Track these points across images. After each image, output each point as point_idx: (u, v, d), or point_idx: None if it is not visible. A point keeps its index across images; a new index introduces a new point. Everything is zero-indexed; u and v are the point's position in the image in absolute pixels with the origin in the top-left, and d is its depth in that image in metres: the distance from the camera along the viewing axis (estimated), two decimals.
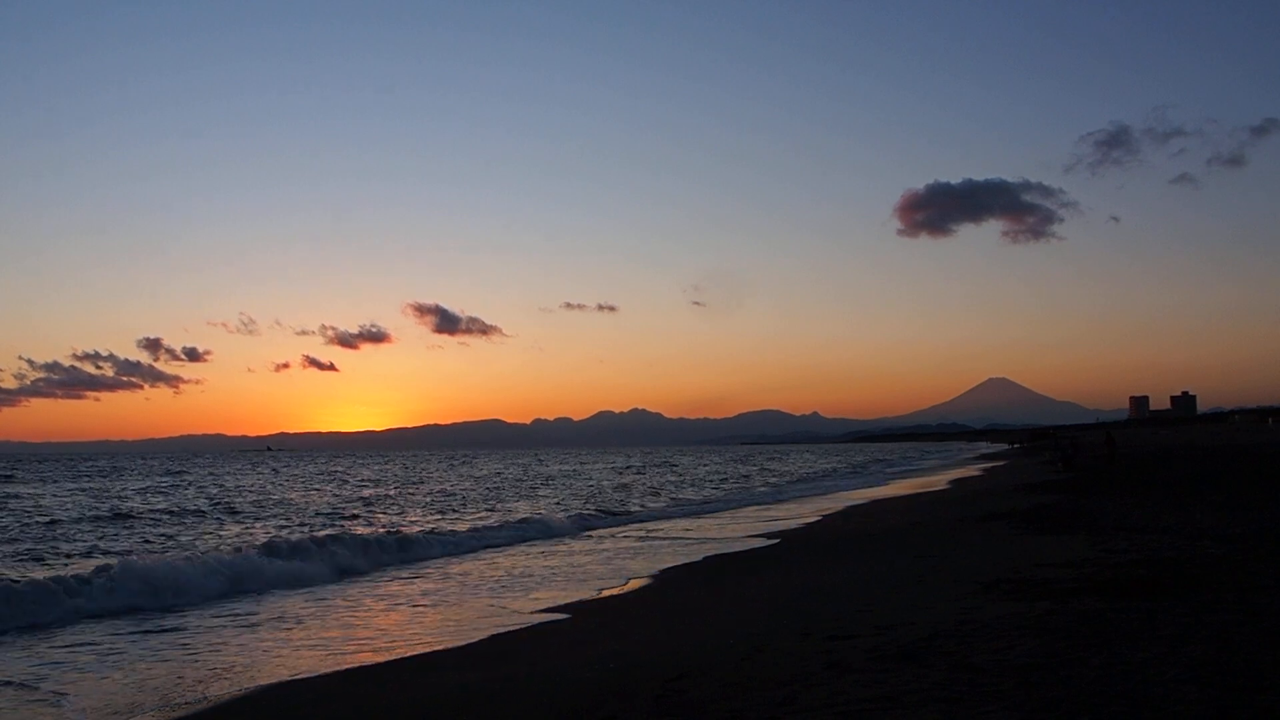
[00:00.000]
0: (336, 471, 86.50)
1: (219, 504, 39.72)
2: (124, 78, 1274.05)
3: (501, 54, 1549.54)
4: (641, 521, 30.78)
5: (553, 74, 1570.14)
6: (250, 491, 50.52)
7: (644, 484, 56.58)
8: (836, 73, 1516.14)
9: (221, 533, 27.34)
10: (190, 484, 59.32)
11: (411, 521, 30.63)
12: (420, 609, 14.38)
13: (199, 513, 35.05)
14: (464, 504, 40.33)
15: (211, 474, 79.52)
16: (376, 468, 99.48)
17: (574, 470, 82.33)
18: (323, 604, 14.88)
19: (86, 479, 67.81)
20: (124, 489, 53.54)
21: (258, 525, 29.84)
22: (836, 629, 9.83)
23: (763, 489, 49.67)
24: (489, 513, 34.55)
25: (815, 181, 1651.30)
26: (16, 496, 45.52)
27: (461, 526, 27.81)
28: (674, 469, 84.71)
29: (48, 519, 31.55)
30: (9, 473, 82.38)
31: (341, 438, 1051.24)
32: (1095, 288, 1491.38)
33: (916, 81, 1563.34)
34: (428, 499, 44.00)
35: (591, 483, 58.29)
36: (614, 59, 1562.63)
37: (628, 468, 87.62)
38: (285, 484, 59.94)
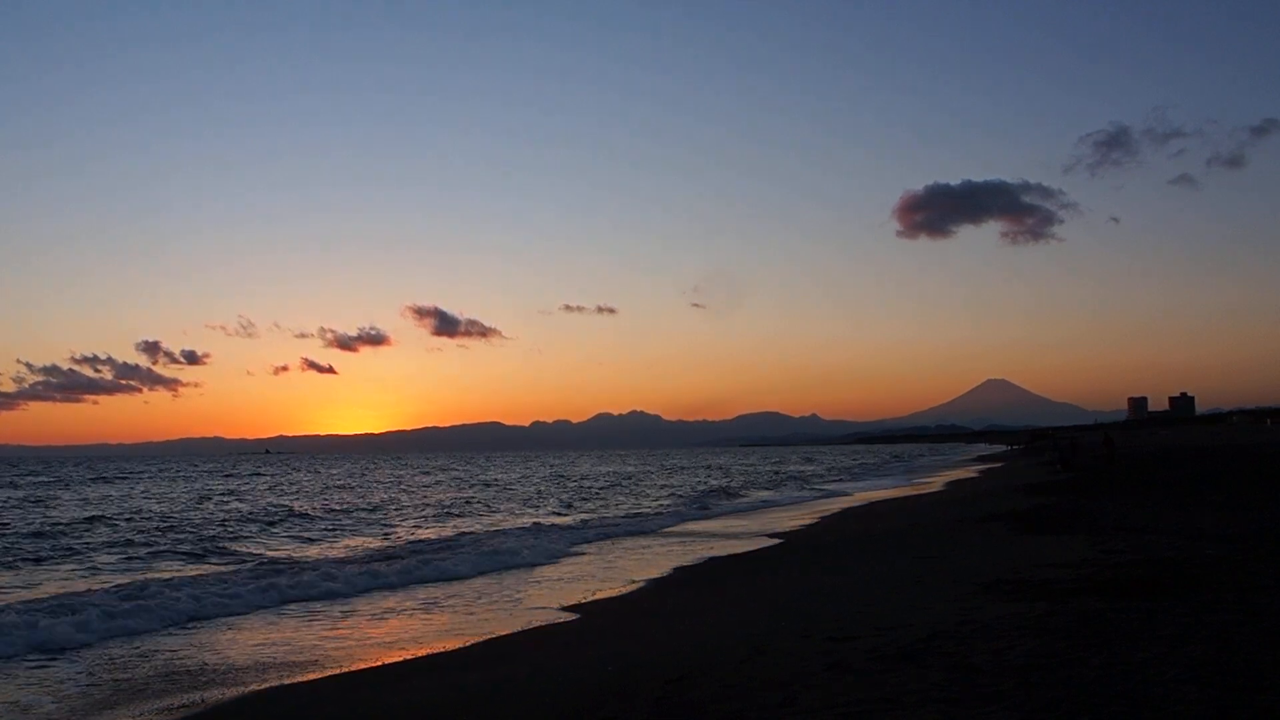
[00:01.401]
0: (370, 473, 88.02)
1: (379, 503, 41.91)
2: (122, 81, 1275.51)
3: (500, 57, 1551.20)
4: (724, 516, 33.06)
5: (551, 77, 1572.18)
6: (342, 490, 53.16)
7: (699, 484, 56.38)
8: (835, 74, 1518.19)
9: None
10: (278, 485, 61.26)
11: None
12: (414, 610, 14.40)
13: (375, 508, 38.16)
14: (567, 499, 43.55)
15: (256, 475, 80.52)
16: (411, 470, 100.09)
17: (617, 472, 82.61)
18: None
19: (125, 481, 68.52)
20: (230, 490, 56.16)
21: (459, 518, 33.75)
22: (836, 630, 9.82)
23: (764, 492, 49.70)
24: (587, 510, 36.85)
25: (814, 183, 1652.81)
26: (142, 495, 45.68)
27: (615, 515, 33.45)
28: (708, 469, 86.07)
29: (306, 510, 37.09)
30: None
31: (340, 440, 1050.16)
32: (1094, 289, 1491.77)
33: (915, 83, 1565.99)
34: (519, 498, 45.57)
35: (664, 484, 58.76)
36: (612, 62, 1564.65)
37: (678, 469, 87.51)
38: (356, 486, 60.19)
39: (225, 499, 45.60)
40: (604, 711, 7.61)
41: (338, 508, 38.28)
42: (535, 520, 30.94)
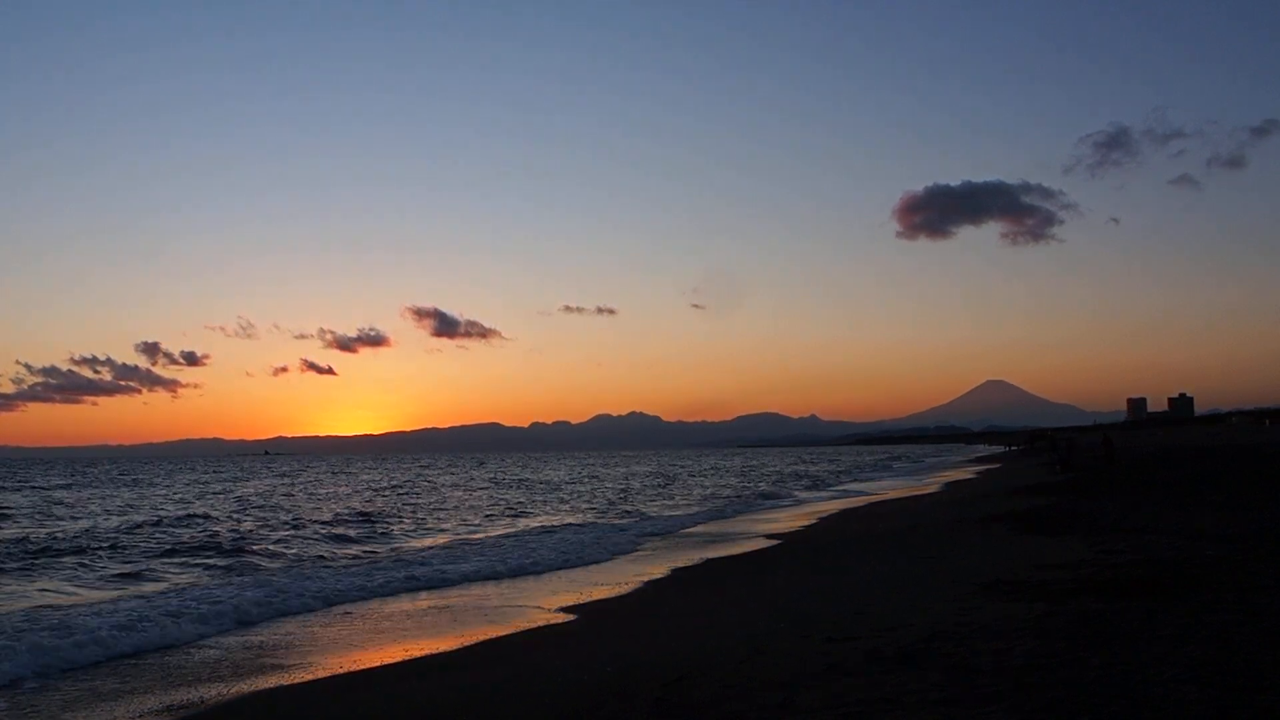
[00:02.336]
0: (390, 474, 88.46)
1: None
2: (122, 81, 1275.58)
3: (500, 58, 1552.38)
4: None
5: (551, 78, 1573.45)
6: (367, 492, 53.57)
7: (718, 487, 54.99)
8: (835, 75, 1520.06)
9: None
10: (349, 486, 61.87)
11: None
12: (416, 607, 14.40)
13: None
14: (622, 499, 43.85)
15: (280, 478, 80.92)
16: (425, 470, 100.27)
17: (633, 472, 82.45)
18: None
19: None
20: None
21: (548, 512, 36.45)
22: (836, 630, 9.81)
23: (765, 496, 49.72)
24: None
25: (814, 184, 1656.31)
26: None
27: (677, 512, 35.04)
28: (722, 471, 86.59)
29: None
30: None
31: (339, 441, 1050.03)
32: (1094, 289, 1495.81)
33: (915, 83, 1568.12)
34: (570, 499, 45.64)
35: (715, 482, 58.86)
36: (612, 63, 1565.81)
37: (700, 471, 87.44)
38: (378, 487, 59.85)
39: (257, 501, 45.11)
40: (604, 712, 7.61)
41: (361, 510, 37.63)
42: (566, 521, 31.05)
